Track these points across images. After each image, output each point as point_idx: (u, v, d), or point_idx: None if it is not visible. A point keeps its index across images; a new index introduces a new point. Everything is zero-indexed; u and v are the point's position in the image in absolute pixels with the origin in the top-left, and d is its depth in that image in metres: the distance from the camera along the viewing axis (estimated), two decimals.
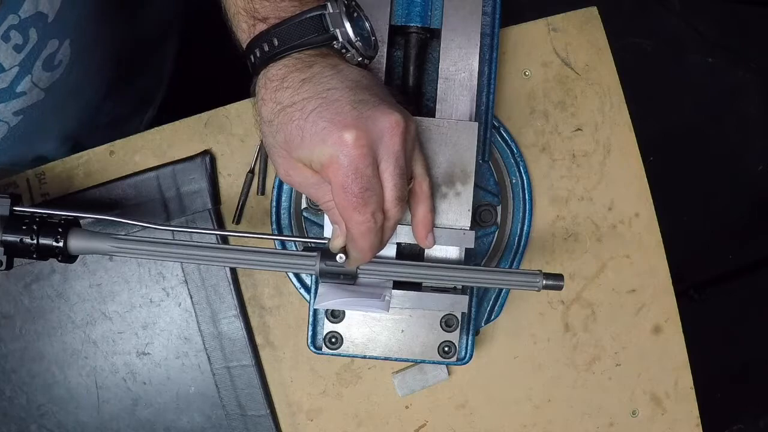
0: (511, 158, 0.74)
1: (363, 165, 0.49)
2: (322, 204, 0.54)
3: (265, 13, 0.52)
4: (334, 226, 0.56)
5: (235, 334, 0.74)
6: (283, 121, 0.50)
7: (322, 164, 0.49)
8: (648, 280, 0.77)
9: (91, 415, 0.75)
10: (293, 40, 0.51)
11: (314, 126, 0.49)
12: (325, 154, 0.49)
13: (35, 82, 0.64)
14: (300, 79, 0.51)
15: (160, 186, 0.74)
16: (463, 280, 0.59)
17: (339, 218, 0.53)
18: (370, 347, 0.65)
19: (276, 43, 0.51)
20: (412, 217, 0.57)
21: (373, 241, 0.52)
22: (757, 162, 1.80)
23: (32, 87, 0.64)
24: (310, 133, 0.49)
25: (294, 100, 0.50)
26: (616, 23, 1.73)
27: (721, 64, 1.79)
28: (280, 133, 0.51)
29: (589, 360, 0.77)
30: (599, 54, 0.77)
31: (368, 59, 0.55)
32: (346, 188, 0.49)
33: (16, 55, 0.60)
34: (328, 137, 0.48)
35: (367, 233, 0.51)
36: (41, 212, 0.59)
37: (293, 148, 0.51)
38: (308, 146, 0.49)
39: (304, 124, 0.49)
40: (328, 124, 0.48)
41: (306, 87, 0.50)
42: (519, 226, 0.74)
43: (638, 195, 0.77)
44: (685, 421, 0.77)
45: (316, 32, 0.52)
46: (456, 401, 0.76)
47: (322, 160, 0.49)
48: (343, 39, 0.52)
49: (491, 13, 0.69)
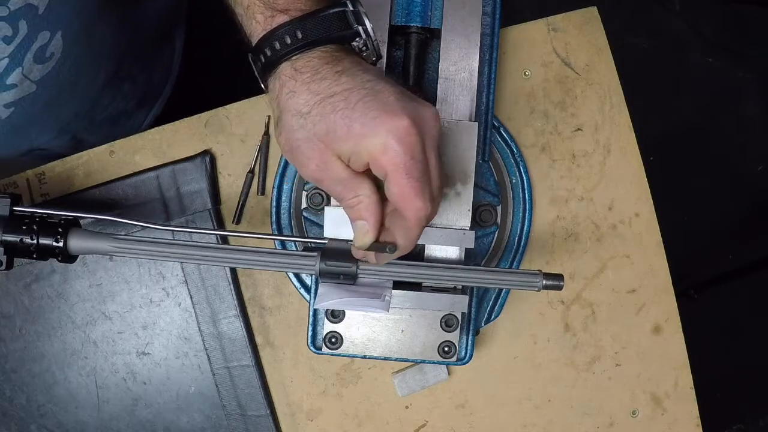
0: (511, 158, 0.74)
1: (419, 152, 0.49)
2: (346, 201, 0.53)
3: (285, 6, 0.52)
4: (359, 222, 0.53)
5: (235, 334, 0.74)
6: (325, 111, 0.49)
7: (374, 155, 0.49)
8: (648, 280, 0.77)
9: (91, 415, 0.75)
10: (318, 34, 0.51)
11: (364, 116, 0.48)
12: (377, 144, 0.48)
13: (26, 74, 0.64)
14: (335, 71, 0.50)
15: (160, 186, 0.74)
16: (463, 280, 0.59)
17: (365, 213, 0.52)
18: (370, 347, 0.65)
19: (300, 35, 0.51)
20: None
21: (421, 231, 0.53)
22: (757, 162, 1.80)
23: (23, 79, 0.64)
24: (360, 122, 0.48)
25: (334, 90, 0.49)
26: (616, 23, 1.73)
27: (722, 64, 1.79)
28: (320, 124, 0.50)
29: (589, 360, 0.77)
30: (599, 54, 0.77)
31: (378, 59, 0.55)
32: (409, 173, 0.49)
33: (6, 47, 0.60)
34: (380, 126, 0.48)
35: (424, 219, 0.51)
36: (41, 212, 0.59)
37: (336, 139, 0.50)
38: (357, 136, 0.49)
39: (352, 114, 0.49)
40: (379, 113, 0.48)
41: (344, 78, 0.50)
42: (519, 226, 0.74)
43: (638, 195, 0.77)
44: (685, 420, 0.77)
45: (341, 28, 0.52)
46: (456, 401, 0.76)
47: (373, 149, 0.49)
48: (364, 36, 0.52)
49: (491, 13, 0.69)
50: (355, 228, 0.54)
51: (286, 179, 0.72)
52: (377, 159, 0.49)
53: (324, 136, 0.50)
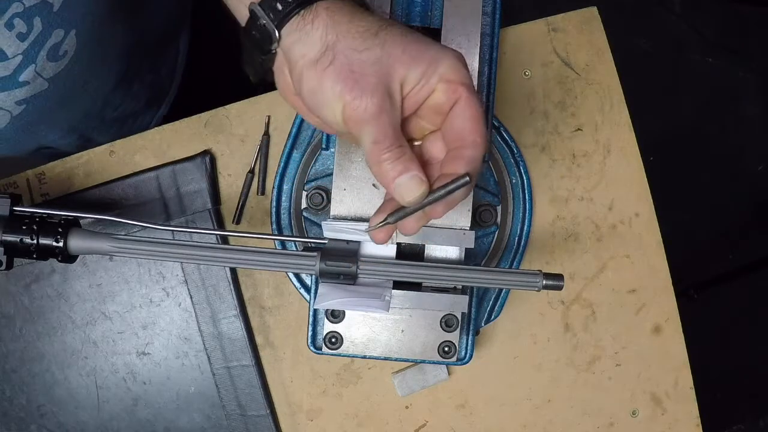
0: (511, 158, 0.74)
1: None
2: (391, 150, 0.49)
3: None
4: (407, 175, 0.49)
5: (235, 334, 0.74)
6: (393, 33, 0.48)
7: (449, 76, 0.48)
8: (648, 280, 0.77)
9: (91, 415, 0.75)
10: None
11: (431, 43, 0.49)
12: (451, 65, 0.48)
13: (39, 71, 0.64)
14: (365, 12, 0.50)
15: (160, 186, 0.74)
16: (463, 280, 0.59)
17: (412, 164, 0.49)
18: (370, 347, 0.65)
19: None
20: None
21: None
22: (757, 162, 1.80)
23: (36, 77, 0.64)
24: (432, 45, 0.49)
25: (382, 24, 0.49)
26: (617, 23, 1.72)
27: (722, 64, 1.79)
28: (392, 44, 0.48)
29: (589, 360, 0.77)
30: (599, 54, 0.77)
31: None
32: (478, 98, 0.49)
33: (20, 44, 0.60)
34: (450, 51, 0.49)
35: (486, 149, 0.51)
36: (41, 212, 0.59)
37: (410, 60, 0.48)
38: (431, 57, 0.48)
39: (421, 38, 0.49)
40: (438, 45, 0.49)
41: (378, 18, 0.50)
42: (519, 226, 0.74)
43: (638, 195, 0.77)
44: (685, 421, 0.77)
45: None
46: (456, 401, 0.76)
47: (447, 72, 0.48)
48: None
49: (491, 13, 0.69)
50: (401, 184, 0.49)
51: (286, 179, 0.72)
52: (452, 81, 0.48)
53: (400, 54, 0.48)
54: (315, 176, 0.71)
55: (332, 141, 0.69)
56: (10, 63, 0.60)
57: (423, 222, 0.53)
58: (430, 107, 0.51)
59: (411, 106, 0.50)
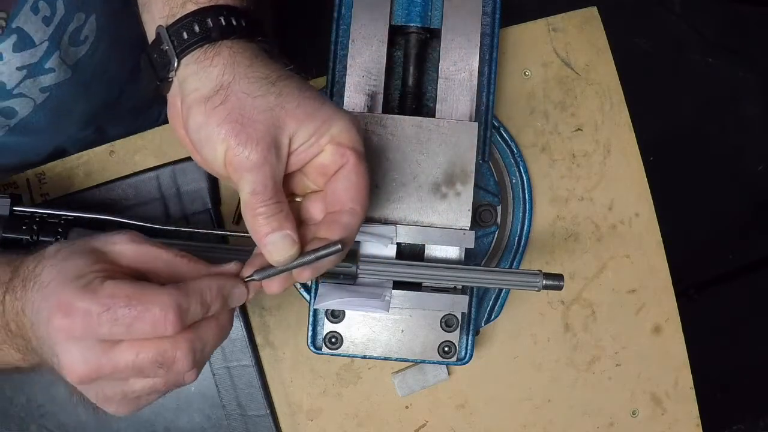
0: (511, 158, 0.74)
1: None
2: (267, 204, 0.47)
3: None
4: (279, 233, 0.47)
5: (235, 334, 0.74)
6: (290, 86, 0.48)
7: (339, 139, 0.49)
8: (648, 280, 0.77)
9: (91, 414, 0.75)
10: (248, 24, 0.50)
11: (327, 103, 0.49)
12: (344, 127, 0.49)
13: (63, 58, 0.64)
14: (268, 59, 0.50)
15: (160, 186, 0.73)
16: (463, 280, 0.59)
17: (288, 223, 0.48)
18: (370, 347, 0.65)
19: (242, 23, 0.50)
20: None
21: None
22: (757, 162, 1.80)
23: (60, 63, 0.64)
24: (328, 105, 0.49)
25: (282, 74, 0.49)
26: (616, 23, 1.72)
27: (722, 64, 1.79)
28: (289, 96, 0.48)
29: (589, 360, 0.77)
30: (599, 54, 0.77)
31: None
32: (364, 164, 0.50)
33: (46, 29, 0.61)
34: (345, 114, 0.49)
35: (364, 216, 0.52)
36: (41, 212, 0.60)
37: (303, 116, 0.48)
38: (326, 116, 0.48)
39: (317, 96, 0.49)
40: (334, 107, 0.50)
41: (280, 67, 0.50)
42: (519, 226, 0.74)
43: (638, 195, 0.77)
44: (685, 421, 0.77)
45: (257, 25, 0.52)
46: (456, 401, 0.76)
47: (339, 134, 0.49)
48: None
49: (491, 13, 0.69)
50: (272, 242, 0.47)
51: None
52: (341, 144, 0.48)
53: (294, 108, 0.47)
54: None
55: None
56: (37, 50, 0.61)
57: (288, 283, 0.50)
58: (315, 167, 0.50)
59: (297, 162, 0.49)
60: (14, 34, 0.59)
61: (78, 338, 0.43)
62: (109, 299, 0.42)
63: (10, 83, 0.62)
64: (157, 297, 0.43)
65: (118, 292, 0.43)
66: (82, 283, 0.43)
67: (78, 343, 0.43)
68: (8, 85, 0.62)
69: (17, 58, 0.60)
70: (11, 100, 0.64)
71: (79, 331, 0.42)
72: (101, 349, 0.43)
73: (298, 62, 0.53)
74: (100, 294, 0.42)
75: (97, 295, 0.42)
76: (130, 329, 0.42)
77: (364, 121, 0.62)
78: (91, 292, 0.43)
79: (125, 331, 0.43)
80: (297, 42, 1.16)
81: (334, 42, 0.69)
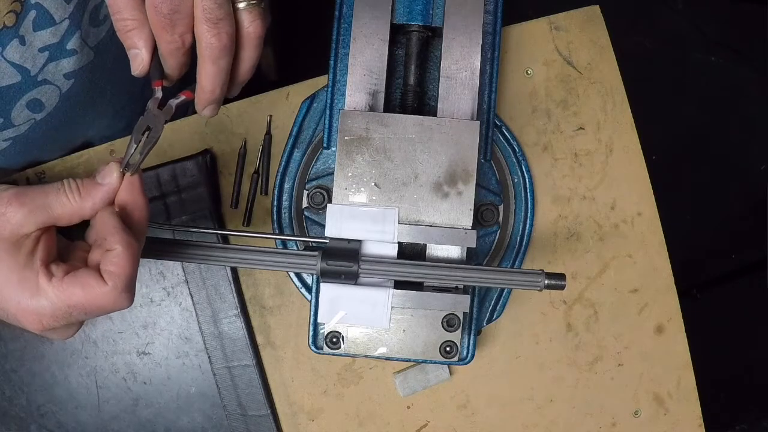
0: (512, 157, 0.74)
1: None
2: (124, 21, 0.52)
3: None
4: (134, 51, 0.53)
5: (236, 334, 0.74)
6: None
7: None
8: (650, 280, 0.76)
9: (92, 415, 0.75)
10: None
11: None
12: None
13: (84, 38, 0.64)
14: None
15: (160, 185, 0.73)
16: (465, 280, 0.59)
17: (141, 37, 0.52)
18: (371, 347, 0.65)
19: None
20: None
21: (181, 61, 0.54)
22: (760, 161, 1.80)
23: (82, 45, 0.64)
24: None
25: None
26: (619, 22, 1.71)
27: (724, 63, 1.79)
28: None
29: (591, 360, 0.76)
30: (601, 53, 0.76)
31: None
32: (157, 7, 0.50)
33: (66, 6, 0.60)
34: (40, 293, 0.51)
35: (175, 52, 0.52)
36: None
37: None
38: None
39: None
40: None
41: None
42: (521, 225, 0.74)
43: (641, 194, 0.76)
44: (687, 421, 0.77)
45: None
46: (458, 401, 0.76)
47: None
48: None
49: (493, 11, 0.69)
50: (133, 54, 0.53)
51: (287, 178, 0.72)
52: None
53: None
54: (316, 175, 0.71)
55: (333, 140, 0.69)
56: (58, 28, 0.61)
57: (217, 107, 0.57)
58: None
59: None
60: (33, 9, 0.58)
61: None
62: (59, 302, 0.48)
63: (34, 69, 0.62)
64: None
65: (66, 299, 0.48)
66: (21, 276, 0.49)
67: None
68: (32, 71, 0.62)
69: (38, 37, 0.60)
70: (37, 89, 0.64)
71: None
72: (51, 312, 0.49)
73: (298, 61, 0.53)
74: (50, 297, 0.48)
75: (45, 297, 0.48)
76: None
77: (366, 120, 0.62)
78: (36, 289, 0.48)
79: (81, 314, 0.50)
80: (297, 41, 1.16)
81: (335, 41, 0.69)
